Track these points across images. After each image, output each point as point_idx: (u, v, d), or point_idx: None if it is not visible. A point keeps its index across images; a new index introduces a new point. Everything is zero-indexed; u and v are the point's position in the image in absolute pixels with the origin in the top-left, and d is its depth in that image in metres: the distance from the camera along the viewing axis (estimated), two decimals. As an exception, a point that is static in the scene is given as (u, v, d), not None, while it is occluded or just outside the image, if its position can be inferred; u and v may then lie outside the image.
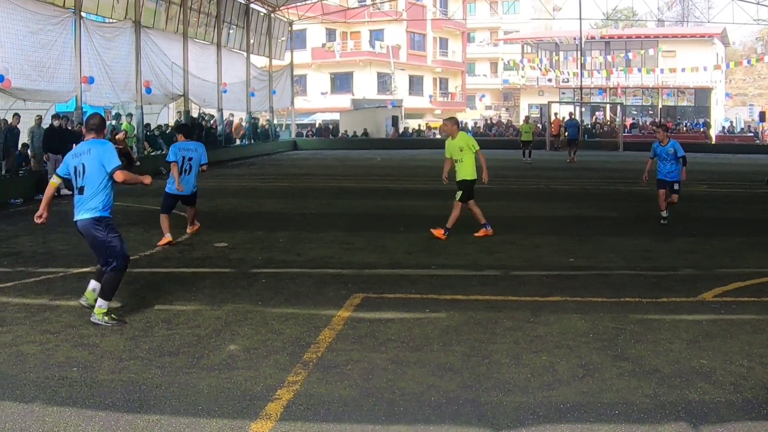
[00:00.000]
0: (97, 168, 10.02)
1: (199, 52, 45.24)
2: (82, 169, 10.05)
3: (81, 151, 10.20)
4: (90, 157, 10.05)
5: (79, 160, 10.12)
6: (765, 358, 8.69)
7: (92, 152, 10.08)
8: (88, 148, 10.16)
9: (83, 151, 10.17)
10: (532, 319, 10.26)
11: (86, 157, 10.09)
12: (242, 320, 10.08)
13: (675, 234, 17.81)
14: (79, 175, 10.07)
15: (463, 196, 17.18)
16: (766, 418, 7.05)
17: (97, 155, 10.03)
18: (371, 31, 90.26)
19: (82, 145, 10.36)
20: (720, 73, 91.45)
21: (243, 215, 20.59)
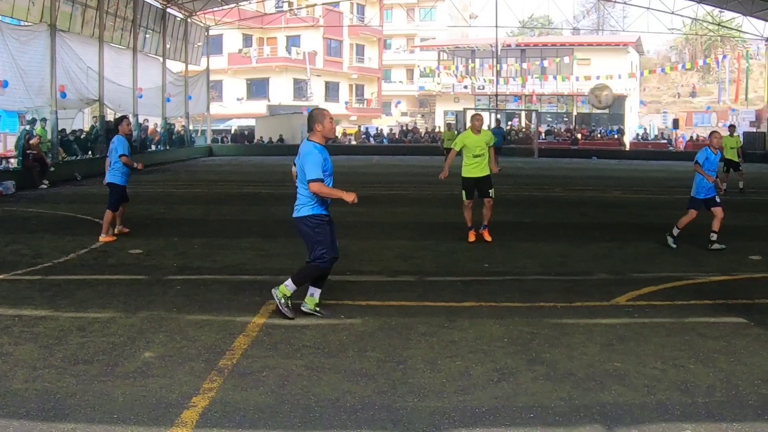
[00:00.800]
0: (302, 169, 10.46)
1: (114, 56, 44.82)
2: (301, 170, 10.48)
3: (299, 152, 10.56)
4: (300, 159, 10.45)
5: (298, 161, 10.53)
6: (678, 361, 8.87)
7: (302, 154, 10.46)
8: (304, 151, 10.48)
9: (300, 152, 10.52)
10: (446, 325, 10.32)
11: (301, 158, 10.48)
12: (157, 327, 9.99)
13: (590, 239, 18.03)
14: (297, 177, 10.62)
15: (470, 194, 17.75)
16: (679, 419, 7.17)
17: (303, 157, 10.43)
18: (288, 37, 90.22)
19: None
20: (634, 81, 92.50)
21: (158, 222, 20.45)
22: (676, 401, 7.61)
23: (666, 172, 45.77)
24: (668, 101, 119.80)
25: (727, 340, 9.73)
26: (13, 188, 28.47)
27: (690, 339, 9.78)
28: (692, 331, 10.13)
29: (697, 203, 16.90)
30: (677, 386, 8.03)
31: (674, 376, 8.35)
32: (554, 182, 19.87)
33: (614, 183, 36.15)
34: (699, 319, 10.83)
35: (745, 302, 11.96)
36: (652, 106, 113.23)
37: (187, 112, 58.87)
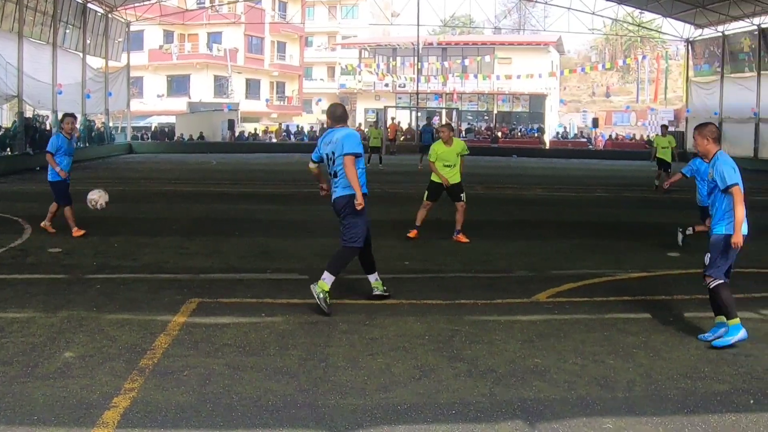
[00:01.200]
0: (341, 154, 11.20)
1: (34, 51, 44.20)
2: (332, 156, 11.31)
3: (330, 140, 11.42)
4: (338, 145, 11.22)
5: (330, 148, 11.36)
6: (598, 356, 9.01)
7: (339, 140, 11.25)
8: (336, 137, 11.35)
9: (332, 140, 11.37)
10: (367, 322, 10.37)
11: (335, 145, 11.27)
12: (77, 327, 9.88)
13: (511, 237, 18.18)
14: (331, 161, 11.36)
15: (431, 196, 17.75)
16: (599, 413, 7.27)
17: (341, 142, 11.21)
18: (209, 34, 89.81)
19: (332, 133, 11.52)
20: (555, 80, 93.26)
21: (77, 220, 20.25)
22: (596, 396, 7.71)
23: (585, 170, 46.36)
24: (588, 100, 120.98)
25: (646, 335, 9.89)
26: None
27: (609, 335, 9.95)
28: (612, 327, 10.30)
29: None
30: (597, 381, 8.14)
31: (594, 372, 8.47)
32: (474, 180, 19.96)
33: (534, 181, 36.46)
34: (618, 315, 11.01)
35: (664, 298, 12.16)
36: (572, 105, 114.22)
37: (107, 108, 58.30)
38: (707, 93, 60.23)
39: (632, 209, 25.18)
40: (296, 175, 37.50)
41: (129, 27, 63.18)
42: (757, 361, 8.96)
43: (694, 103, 61.34)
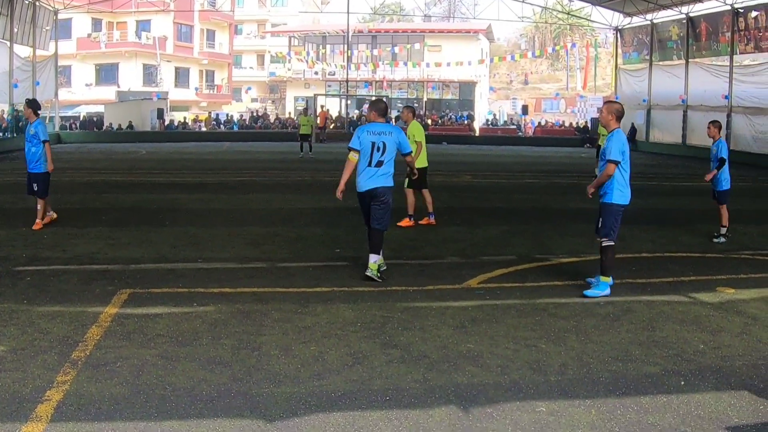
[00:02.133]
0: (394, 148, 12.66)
1: (-40, 40, 43.75)
2: (382, 147, 12.44)
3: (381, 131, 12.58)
4: (391, 138, 12.54)
5: (380, 138, 12.48)
6: (530, 341, 9.15)
7: (393, 134, 12.61)
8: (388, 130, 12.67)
9: (384, 131, 12.58)
10: (300, 310, 10.39)
11: (387, 137, 12.51)
12: (7, 320, 9.80)
13: (440, 224, 18.24)
14: (379, 151, 12.44)
15: (412, 183, 17.93)
16: (533, 397, 7.38)
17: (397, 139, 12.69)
18: (138, 22, 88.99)
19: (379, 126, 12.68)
20: (484, 68, 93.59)
21: (4, 211, 20.05)
22: (529, 380, 7.82)
23: (515, 157, 46.60)
24: (517, 88, 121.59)
25: (577, 319, 10.04)
26: None
27: (541, 319, 10.10)
28: (543, 312, 10.47)
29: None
30: (530, 365, 8.26)
31: (527, 356, 8.60)
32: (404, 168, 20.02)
33: (464, 168, 36.61)
34: (549, 299, 11.19)
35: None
36: (501, 92, 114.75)
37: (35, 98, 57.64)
38: (636, 80, 60.75)
39: (561, 195, 25.42)
40: (225, 164, 37.52)
41: (57, 15, 62.43)
42: (687, 344, 9.12)
43: (623, 91, 61.80)
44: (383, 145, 12.41)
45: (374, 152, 12.41)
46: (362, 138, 12.45)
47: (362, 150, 12.43)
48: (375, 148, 12.41)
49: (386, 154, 12.46)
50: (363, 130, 12.63)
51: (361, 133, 12.58)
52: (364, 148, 12.44)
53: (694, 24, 52.33)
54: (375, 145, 12.40)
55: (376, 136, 12.43)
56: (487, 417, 6.93)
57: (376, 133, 12.47)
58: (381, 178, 12.47)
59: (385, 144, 12.42)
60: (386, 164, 12.49)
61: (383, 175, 12.49)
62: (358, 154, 12.46)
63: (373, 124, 12.71)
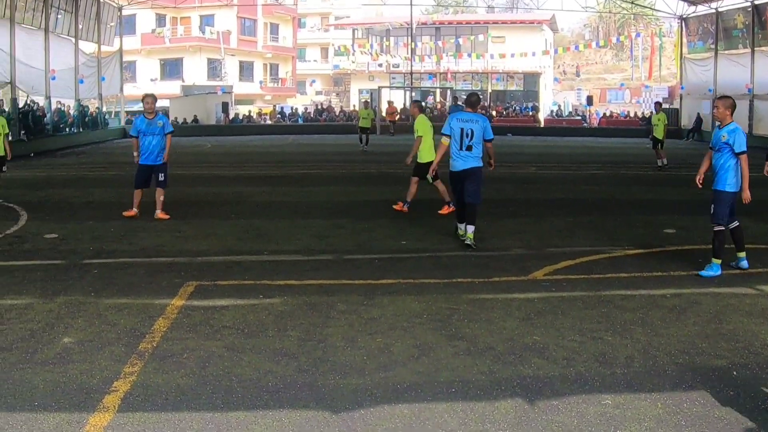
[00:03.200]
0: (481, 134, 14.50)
1: (26, 37, 43.98)
2: (470, 133, 14.38)
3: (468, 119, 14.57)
4: (478, 126, 14.44)
5: (468, 125, 14.43)
6: (596, 333, 9.05)
7: (479, 122, 14.53)
8: (475, 119, 14.60)
9: (471, 119, 14.55)
10: (366, 302, 10.39)
11: (475, 125, 14.44)
12: (75, 312, 9.90)
13: (505, 215, 18.18)
14: (468, 137, 14.38)
15: (417, 173, 18.48)
16: (598, 390, 7.30)
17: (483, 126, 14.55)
18: (201, 17, 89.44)
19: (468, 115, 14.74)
20: (548, 59, 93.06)
21: (73, 205, 20.20)
22: (595, 373, 7.74)
23: (580, 148, 46.20)
24: (582, 78, 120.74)
25: (644, 311, 9.92)
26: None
27: (607, 311, 9.99)
28: (609, 304, 10.34)
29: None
30: (596, 358, 8.18)
31: (593, 348, 8.51)
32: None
33: (529, 159, 36.37)
34: (615, 291, 11.05)
35: (660, 275, 12.16)
36: (566, 83, 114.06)
37: (101, 93, 58.09)
38: (701, 70, 60.00)
39: (627, 186, 25.14)
40: (290, 156, 37.52)
41: (121, 11, 62.92)
42: (754, 337, 8.98)
43: (689, 80, 61.19)
44: (471, 131, 14.36)
45: (463, 138, 14.37)
46: (453, 125, 14.47)
47: (452, 135, 14.43)
48: (464, 134, 14.36)
49: (474, 139, 14.38)
50: (453, 118, 14.71)
51: (451, 120, 14.61)
52: (454, 133, 14.42)
53: (760, 12, 51.57)
54: (464, 131, 14.36)
55: (464, 123, 14.42)
56: (552, 409, 6.87)
57: (464, 121, 14.46)
58: (472, 160, 14.48)
59: (473, 131, 14.36)
60: (475, 148, 14.44)
61: (474, 157, 14.49)
62: (449, 139, 14.46)
63: (462, 113, 14.83)
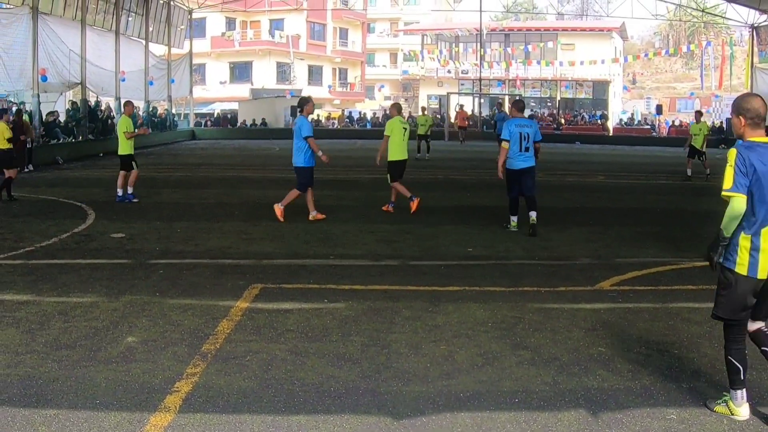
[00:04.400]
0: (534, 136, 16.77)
1: (97, 39, 44.52)
2: (527, 136, 16.54)
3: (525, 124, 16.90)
4: (532, 129, 16.75)
5: (525, 130, 16.58)
6: (662, 346, 8.89)
7: (532, 126, 16.95)
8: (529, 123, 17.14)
9: (526, 124, 16.92)
10: (430, 309, 10.30)
11: (529, 129, 16.69)
12: (140, 312, 9.94)
13: (572, 224, 18.06)
14: (525, 139, 16.49)
15: (393, 177, 19.70)
16: (664, 404, 7.17)
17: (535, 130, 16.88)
18: (271, 21, 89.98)
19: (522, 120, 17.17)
20: (618, 67, 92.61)
21: (140, 205, 20.36)
22: (660, 386, 7.61)
23: (649, 158, 45.90)
24: (652, 87, 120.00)
25: (711, 325, 9.65)
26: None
27: (674, 324, 9.81)
28: (676, 316, 10.16)
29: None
30: (662, 371, 8.03)
31: (659, 361, 8.35)
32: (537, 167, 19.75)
33: (597, 168, 36.19)
34: (682, 304, 10.86)
35: (728, 287, 11.97)
36: (635, 91, 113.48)
37: (170, 95, 58.63)
38: (773, 80, 59.44)
39: (695, 197, 24.91)
40: (358, 161, 37.52)
41: (191, 14, 63.52)
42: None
43: (760, 90, 60.36)
44: (527, 135, 16.49)
45: (522, 140, 16.42)
46: (512, 130, 16.46)
47: (512, 139, 16.42)
48: (522, 137, 16.42)
49: (529, 141, 16.52)
50: (511, 124, 16.69)
51: (510, 126, 16.60)
52: (513, 137, 16.41)
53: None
54: (522, 135, 16.42)
55: (521, 128, 16.53)
56: (616, 423, 6.76)
57: (521, 126, 16.61)
58: (530, 159, 16.64)
59: (528, 134, 16.53)
60: (530, 148, 16.58)
61: (530, 157, 16.63)
62: (508, 143, 16.45)
63: (517, 119, 17.00)
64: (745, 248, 6.72)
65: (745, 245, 6.72)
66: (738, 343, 6.95)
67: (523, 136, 16.48)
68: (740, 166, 6.69)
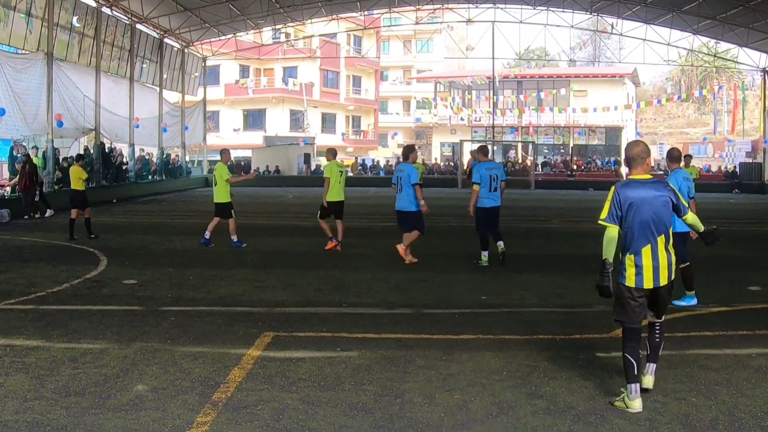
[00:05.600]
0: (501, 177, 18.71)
1: (111, 85, 44.82)
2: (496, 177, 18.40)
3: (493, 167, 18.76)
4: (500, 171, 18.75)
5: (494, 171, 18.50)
6: (679, 393, 8.78)
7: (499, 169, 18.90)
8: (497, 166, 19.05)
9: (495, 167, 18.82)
10: (444, 357, 10.20)
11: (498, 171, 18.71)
12: (150, 359, 9.87)
13: (587, 271, 17.89)
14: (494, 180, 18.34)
15: (323, 215, 21.86)
16: (681, 454, 7.09)
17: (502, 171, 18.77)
18: (285, 68, 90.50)
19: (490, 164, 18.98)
20: (631, 113, 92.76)
21: (153, 252, 20.40)
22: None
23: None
24: (664, 132, 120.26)
25: (729, 371, 9.64)
26: (8, 216, 28.43)
27: (691, 371, 9.72)
28: (693, 363, 10.07)
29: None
30: (679, 420, 7.93)
31: (676, 409, 8.26)
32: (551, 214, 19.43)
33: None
34: (699, 351, 10.77)
35: (746, 333, 11.87)
36: (648, 137, 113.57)
37: (184, 142, 58.91)
38: (785, 123, 59.64)
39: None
40: (371, 209, 37.54)
41: (205, 62, 63.88)
42: None
43: (774, 132, 60.76)
44: (496, 176, 18.38)
45: (491, 182, 18.26)
46: (482, 173, 18.32)
47: (482, 182, 18.23)
48: (492, 179, 18.26)
49: (497, 182, 18.37)
50: (481, 168, 18.47)
51: (480, 170, 18.39)
52: (483, 180, 18.25)
53: None
54: (491, 177, 18.27)
55: (490, 171, 18.43)
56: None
57: (490, 168, 18.52)
58: (497, 199, 18.51)
59: (497, 175, 18.41)
60: (498, 189, 18.45)
61: (498, 197, 18.51)
62: (479, 186, 18.23)
63: (486, 163, 18.88)
64: (630, 266, 8.58)
65: (630, 263, 8.59)
66: (633, 341, 8.54)
67: (492, 178, 18.36)
68: (615, 202, 8.76)
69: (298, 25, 69.47)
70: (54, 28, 37.07)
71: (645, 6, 56.63)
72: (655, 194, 8.67)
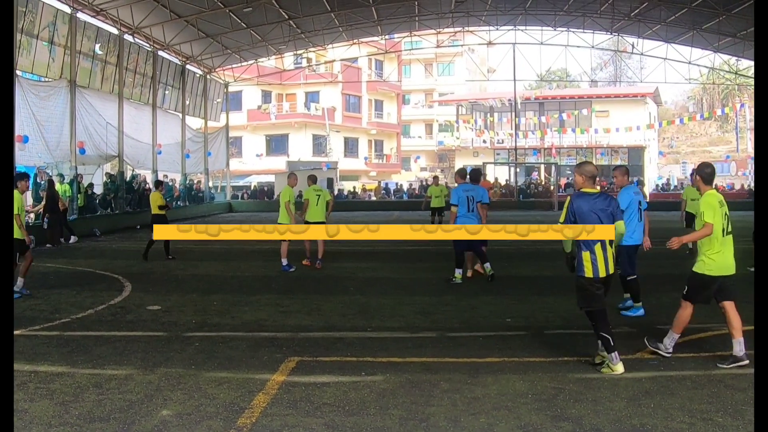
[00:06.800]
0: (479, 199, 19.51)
1: (134, 112, 45.03)
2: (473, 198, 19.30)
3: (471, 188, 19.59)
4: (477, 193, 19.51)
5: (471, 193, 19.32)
6: (706, 414, 8.72)
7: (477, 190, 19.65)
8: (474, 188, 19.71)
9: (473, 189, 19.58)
10: (469, 381, 10.16)
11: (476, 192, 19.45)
12: (175, 385, 9.87)
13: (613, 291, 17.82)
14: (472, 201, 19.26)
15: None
16: (708, 476, 7.04)
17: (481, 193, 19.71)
18: (307, 93, 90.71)
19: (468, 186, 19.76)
20: (653, 132, 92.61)
21: (176, 278, 20.42)
22: (706, 457, 7.47)
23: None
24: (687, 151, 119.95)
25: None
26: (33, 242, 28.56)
27: (717, 391, 9.67)
28: (719, 383, 10.02)
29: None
30: (706, 441, 7.87)
31: (703, 430, 8.21)
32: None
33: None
34: (726, 371, 10.71)
35: (773, 353, 11.78)
36: (671, 156, 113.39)
37: (207, 168, 59.03)
38: (808, 139, 59.31)
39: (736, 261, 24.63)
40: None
41: (227, 88, 64.09)
42: None
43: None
44: (473, 197, 19.24)
45: (469, 203, 19.16)
46: (460, 195, 19.23)
47: (460, 203, 19.16)
48: (469, 200, 19.17)
49: (474, 203, 19.22)
50: (459, 189, 19.40)
51: (459, 192, 19.30)
52: (461, 201, 19.15)
53: None
54: (469, 198, 19.20)
55: (468, 192, 19.32)
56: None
57: (467, 190, 19.38)
58: (475, 219, 19.05)
59: (473, 197, 19.28)
60: (476, 209, 19.24)
61: (475, 217, 19.19)
62: (457, 207, 19.13)
63: (463, 185, 19.69)
64: (587, 260, 10.99)
65: (586, 258, 11.00)
66: (601, 321, 11.07)
67: (470, 199, 19.25)
68: (570, 208, 11.15)
69: (319, 50, 69.89)
70: (77, 55, 37.33)
71: (665, 25, 56.61)
72: (600, 205, 11.20)
